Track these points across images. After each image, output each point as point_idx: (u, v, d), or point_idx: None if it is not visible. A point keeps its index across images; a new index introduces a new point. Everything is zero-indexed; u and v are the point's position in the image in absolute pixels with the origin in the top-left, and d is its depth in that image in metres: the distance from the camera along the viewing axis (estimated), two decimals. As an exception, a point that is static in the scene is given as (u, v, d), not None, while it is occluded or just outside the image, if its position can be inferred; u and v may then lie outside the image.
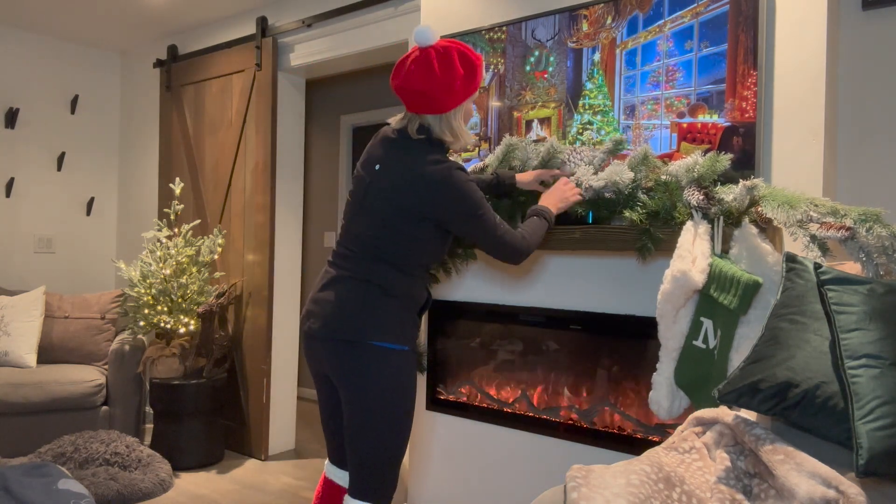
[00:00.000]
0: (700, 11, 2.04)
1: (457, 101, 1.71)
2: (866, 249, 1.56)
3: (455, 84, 1.68)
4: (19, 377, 3.33)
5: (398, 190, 1.69)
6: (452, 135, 1.75)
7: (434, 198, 1.67)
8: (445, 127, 1.73)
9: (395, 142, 1.76)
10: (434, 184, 1.66)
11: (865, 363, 1.21)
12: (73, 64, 4.43)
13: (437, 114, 1.72)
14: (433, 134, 1.74)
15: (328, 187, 5.04)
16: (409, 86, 1.69)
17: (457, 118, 1.74)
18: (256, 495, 3.12)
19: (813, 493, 1.08)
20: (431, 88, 1.67)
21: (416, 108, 1.72)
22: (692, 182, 1.86)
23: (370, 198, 1.74)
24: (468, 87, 1.72)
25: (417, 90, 1.68)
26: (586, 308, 2.33)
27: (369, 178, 1.76)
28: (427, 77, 1.66)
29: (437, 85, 1.67)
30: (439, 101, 1.69)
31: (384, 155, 1.76)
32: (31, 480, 2.30)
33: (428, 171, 1.67)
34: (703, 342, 1.78)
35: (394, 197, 1.69)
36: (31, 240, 4.27)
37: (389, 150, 1.76)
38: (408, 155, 1.71)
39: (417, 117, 1.74)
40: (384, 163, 1.74)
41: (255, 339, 3.68)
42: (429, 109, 1.71)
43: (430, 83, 1.66)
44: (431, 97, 1.68)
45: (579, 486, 1.15)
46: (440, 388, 2.72)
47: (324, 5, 3.42)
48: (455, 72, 1.67)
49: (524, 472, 2.45)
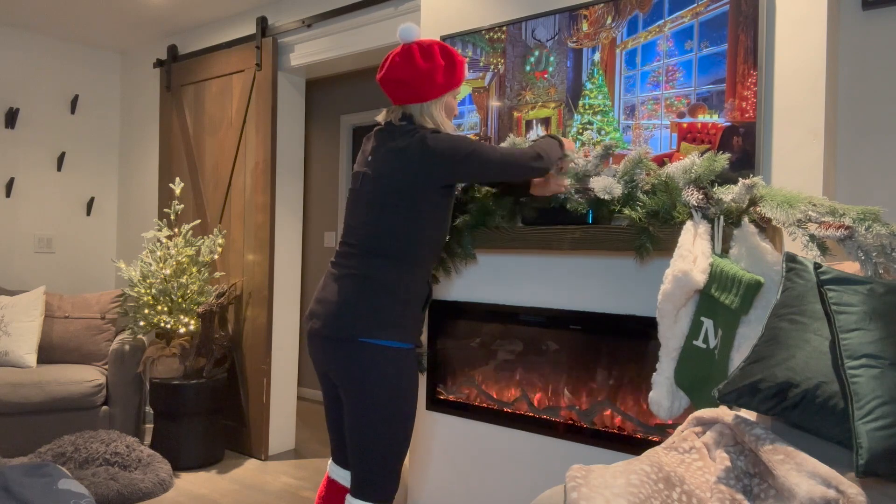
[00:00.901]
0: (700, 11, 2.04)
1: (437, 91, 1.78)
2: (865, 248, 1.56)
3: (436, 74, 1.76)
4: (19, 377, 3.33)
5: (391, 167, 1.74)
6: (434, 123, 1.80)
7: (422, 160, 1.71)
8: (427, 115, 1.80)
9: (382, 131, 1.83)
10: (419, 147, 1.71)
11: (865, 363, 1.21)
12: (73, 64, 4.43)
13: (418, 103, 1.79)
14: (415, 122, 1.80)
15: (328, 187, 5.04)
16: (391, 76, 1.77)
17: (437, 108, 1.81)
18: (256, 495, 3.12)
19: (813, 493, 1.08)
20: (412, 77, 1.75)
21: (399, 98, 1.80)
22: (690, 182, 1.86)
23: (367, 186, 1.79)
24: (449, 79, 1.80)
25: (399, 79, 1.76)
26: (586, 308, 2.33)
27: (365, 168, 1.82)
28: (409, 66, 1.75)
29: (418, 74, 1.74)
30: (420, 90, 1.76)
31: (375, 146, 1.83)
32: (31, 480, 2.30)
33: (410, 141, 1.73)
34: (704, 342, 1.78)
35: (388, 180, 1.74)
36: (31, 240, 4.27)
37: (378, 139, 1.83)
38: (393, 139, 1.77)
39: (400, 108, 1.82)
40: (375, 152, 1.81)
41: (255, 339, 3.68)
42: (410, 98, 1.78)
43: (411, 72, 1.74)
44: (413, 86, 1.76)
45: (579, 486, 1.15)
46: (440, 388, 2.72)
47: (324, 5, 3.42)
48: (435, 62, 1.76)
49: (524, 472, 2.45)
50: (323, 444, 3.96)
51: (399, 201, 1.72)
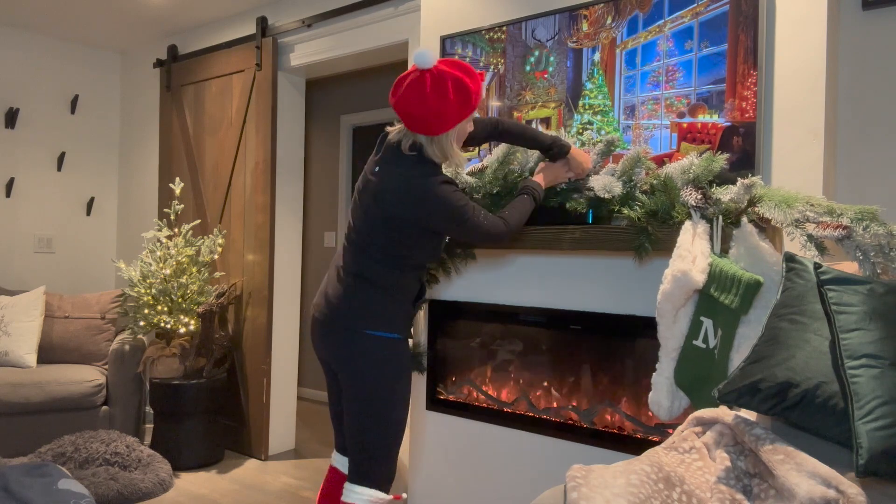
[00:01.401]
0: (700, 11, 2.04)
1: (448, 125, 1.75)
2: (863, 248, 1.56)
3: (447, 111, 1.71)
4: (19, 377, 3.33)
5: (387, 198, 1.76)
6: (443, 156, 1.80)
7: (419, 210, 1.74)
8: (437, 148, 1.78)
9: (392, 151, 1.82)
10: (420, 197, 1.73)
11: (865, 363, 1.21)
12: (73, 64, 4.43)
13: (429, 136, 1.76)
14: (424, 153, 1.78)
15: (328, 187, 5.04)
16: (402, 108, 1.74)
17: (448, 141, 1.78)
18: (256, 495, 3.12)
19: (813, 493, 1.08)
20: (423, 114, 1.71)
21: (411, 126, 1.77)
22: (689, 182, 1.87)
23: (367, 198, 1.82)
24: (461, 112, 1.75)
25: (410, 113, 1.73)
26: (586, 308, 2.33)
27: (370, 177, 1.84)
28: (419, 102, 1.70)
29: (428, 111, 1.70)
30: (431, 125, 1.73)
31: (382, 161, 1.83)
32: (31, 480, 2.30)
33: (415, 185, 1.73)
34: (703, 342, 1.78)
35: (383, 204, 1.77)
36: (31, 240, 4.27)
37: (387, 157, 1.83)
38: (398, 167, 1.78)
39: (412, 135, 1.79)
40: (381, 169, 1.82)
41: (255, 339, 3.68)
42: (421, 130, 1.76)
43: (421, 108, 1.70)
44: (423, 121, 1.72)
45: (579, 486, 1.15)
46: (440, 388, 2.72)
47: (324, 5, 3.42)
48: (446, 99, 1.69)
49: (524, 472, 2.45)
50: (323, 444, 3.96)
51: (392, 229, 1.78)
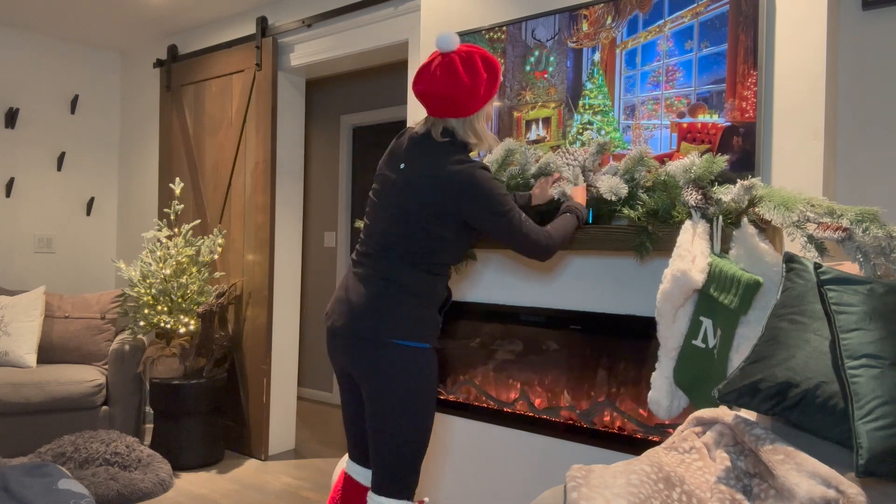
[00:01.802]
0: (700, 11, 2.04)
1: (480, 104, 1.75)
2: (863, 250, 1.56)
3: (480, 88, 1.72)
4: (19, 377, 3.33)
5: (424, 190, 1.71)
6: (476, 137, 1.79)
7: (460, 197, 1.70)
8: (469, 129, 1.77)
9: (420, 143, 1.79)
10: (460, 183, 1.69)
11: (865, 363, 1.21)
12: (73, 64, 4.43)
13: (460, 117, 1.75)
14: (457, 137, 1.77)
15: (328, 187, 5.04)
16: (434, 91, 1.72)
17: (479, 121, 1.78)
18: (256, 495, 3.12)
19: (813, 493, 1.08)
20: (457, 93, 1.70)
21: (440, 112, 1.75)
22: (690, 182, 1.86)
23: (394, 196, 1.76)
24: (490, 90, 1.77)
25: (443, 95, 1.71)
26: (586, 308, 2.33)
27: (394, 175, 1.79)
28: (454, 82, 1.69)
29: (463, 90, 1.70)
30: (464, 105, 1.72)
31: (409, 155, 1.78)
32: (31, 480, 2.30)
33: (454, 171, 1.70)
34: (703, 342, 1.78)
35: (419, 196, 1.72)
36: (31, 240, 4.27)
37: (415, 150, 1.78)
38: (433, 156, 1.74)
39: (441, 121, 1.77)
40: (409, 162, 1.77)
41: (255, 339, 3.68)
42: (453, 113, 1.74)
43: (456, 88, 1.70)
44: (456, 101, 1.71)
45: (579, 486, 1.15)
46: (440, 388, 2.72)
47: (324, 5, 3.42)
48: (479, 77, 1.72)
49: (524, 472, 2.45)
50: (323, 445, 3.96)
51: (428, 222, 1.72)
